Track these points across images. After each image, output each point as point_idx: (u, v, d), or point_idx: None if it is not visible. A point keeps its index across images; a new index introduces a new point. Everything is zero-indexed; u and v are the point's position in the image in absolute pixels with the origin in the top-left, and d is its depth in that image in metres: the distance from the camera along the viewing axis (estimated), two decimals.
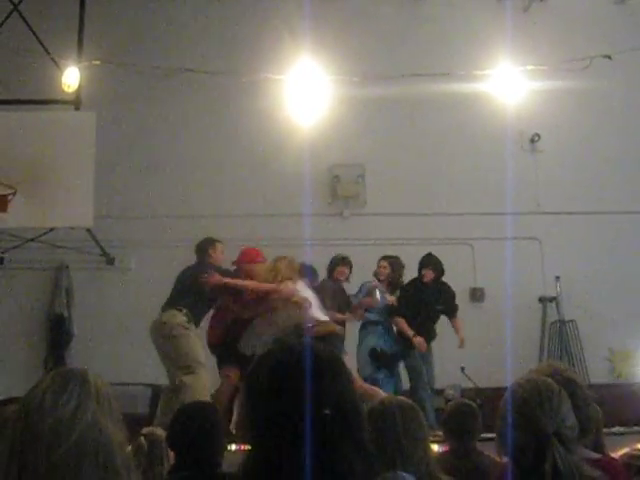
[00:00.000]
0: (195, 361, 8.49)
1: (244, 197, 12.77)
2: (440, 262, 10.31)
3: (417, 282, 10.31)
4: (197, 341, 8.73)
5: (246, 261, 9.29)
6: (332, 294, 9.83)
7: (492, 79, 11.51)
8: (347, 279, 10.22)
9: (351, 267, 10.17)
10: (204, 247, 9.32)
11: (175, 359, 8.59)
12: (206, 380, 8.53)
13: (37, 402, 2.04)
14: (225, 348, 9.02)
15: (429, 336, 10.16)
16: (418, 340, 9.88)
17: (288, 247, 10.76)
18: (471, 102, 12.43)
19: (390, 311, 10.13)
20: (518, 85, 11.40)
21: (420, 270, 10.30)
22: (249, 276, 9.11)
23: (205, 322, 9.24)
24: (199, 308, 8.93)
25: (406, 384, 10.04)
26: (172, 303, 8.80)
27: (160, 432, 4.87)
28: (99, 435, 2.02)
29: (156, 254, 12.27)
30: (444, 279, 10.40)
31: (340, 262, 10.11)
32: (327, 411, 1.91)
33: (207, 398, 8.21)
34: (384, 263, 10.29)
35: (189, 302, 8.75)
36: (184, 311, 8.65)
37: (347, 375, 2.04)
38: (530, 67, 11.37)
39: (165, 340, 8.62)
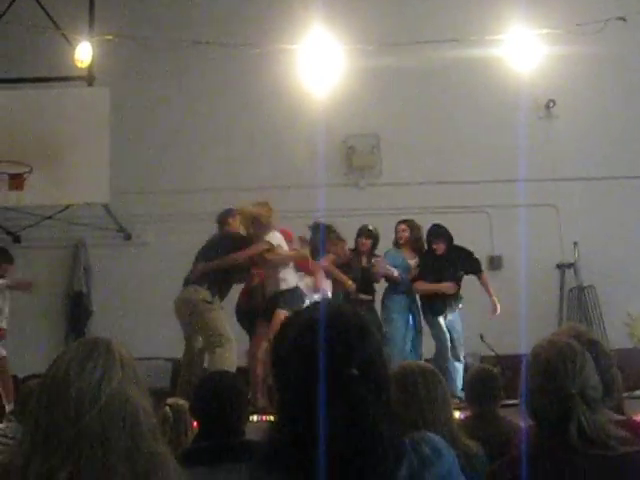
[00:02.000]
0: (222, 335, 8.44)
1: (259, 169, 12.76)
2: (448, 230, 10.20)
3: (431, 255, 10.20)
4: (222, 315, 8.69)
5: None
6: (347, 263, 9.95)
7: (506, 44, 11.43)
8: (370, 251, 10.21)
9: (373, 238, 10.19)
10: (224, 217, 9.34)
11: (202, 334, 8.61)
12: (234, 353, 8.49)
13: (62, 371, 2.05)
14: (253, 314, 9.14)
15: (454, 305, 10.09)
16: (447, 286, 9.87)
17: (304, 219, 10.76)
18: (485, 68, 12.35)
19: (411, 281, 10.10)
20: (532, 50, 11.31)
21: (430, 243, 10.18)
22: None
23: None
24: (223, 282, 8.89)
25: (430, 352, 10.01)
26: (198, 280, 8.72)
27: (183, 402, 4.90)
28: (125, 402, 2.03)
29: (173, 228, 12.29)
30: (459, 244, 10.32)
31: (361, 233, 10.15)
32: (354, 371, 1.91)
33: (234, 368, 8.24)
34: (403, 226, 10.23)
35: (212, 276, 8.72)
36: (206, 285, 8.60)
37: (374, 336, 2.04)
38: (544, 31, 11.27)
39: (190, 317, 8.61)
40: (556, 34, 11.28)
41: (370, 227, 10.22)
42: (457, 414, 5.28)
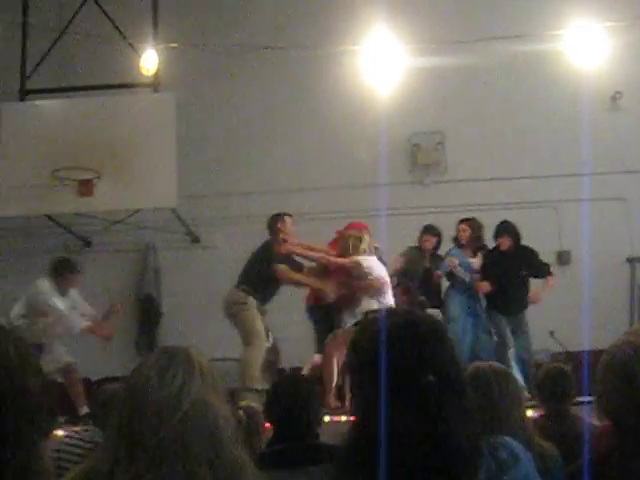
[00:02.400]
0: (251, 333, 8.92)
1: (325, 170, 12.81)
2: (515, 227, 10.04)
3: (495, 252, 10.08)
4: (254, 315, 9.04)
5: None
6: (411, 261, 9.98)
7: (570, 38, 11.32)
8: (434, 248, 10.28)
9: (439, 236, 10.26)
10: (273, 223, 9.48)
11: (240, 333, 9.10)
12: (260, 351, 8.91)
13: (143, 381, 2.09)
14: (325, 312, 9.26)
15: (519, 304, 9.91)
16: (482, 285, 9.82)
17: (370, 217, 10.77)
18: (549, 63, 12.22)
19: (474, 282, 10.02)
20: (597, 43, 11.19)
21: (496, 239, 10.06)
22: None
23: None
24: (267, 284, 9.20)
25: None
26: (238, 281, 9.23)
27: (256, 405, 4.94)
28: (205, 410, 2.06)
29: (240, 231, 12.38)
30: (528, 243, 10.19)
31: (426, 231, 10.24)
32: (431, 378, 1.92)
33: (258, 369, 8.78)
34: (463, 226, 10.20)
35: (256, 278, 9.11)
36: (241, 287, 9.08)
37: (449, 342, 2.05)
38: (608, 24, 11.14)
39: (229, 318, 9.18)
40: (621, 26, 11.13)
41: (434, 225, 10.25)
42: (530, 413, 5.24)
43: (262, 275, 9.10)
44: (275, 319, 9.60)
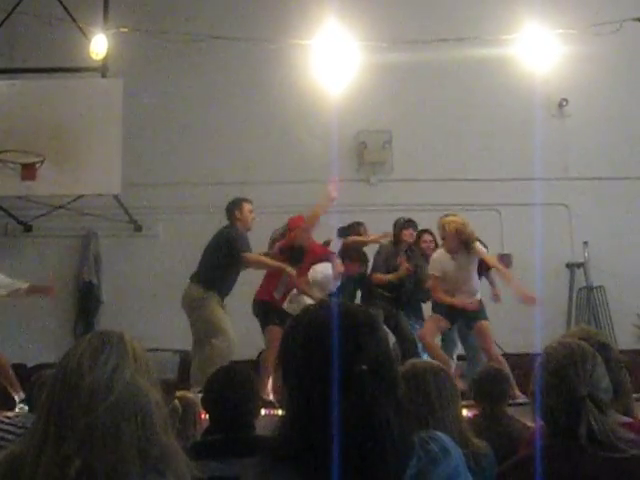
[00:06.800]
0: (218, 326, 8.62)
1: (271, 164, 12.78)
2: None
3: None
4: (218, 308, 8.78)
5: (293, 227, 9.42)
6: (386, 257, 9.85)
7: (520, 43, 11.44)
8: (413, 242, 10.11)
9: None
10: (231, 209, 9.17)
11: (201, 328, 8.77)
12: (230, 342, 8.62)
13: (75, 363, 2.07)
14: (272, 307, 9.16)
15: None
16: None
17: None
18: (499, 67, 12.34)
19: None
20: (546, 49, 11.32)
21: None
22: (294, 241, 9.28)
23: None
24: (227, 275, 8.93)
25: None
26: (196, 273, 8.90)
27: (192, 395, 4.91)
28: (137, 394, 2.05)
29: (183, 221, 12.35)
30: None
31: (407, 225, 9.97)
32: (364, 367, 1.92)
33: (230, 359, 8.34)
34: (429, 237, 10.12)
35: (206, 272, 8.84)
36: (200, 282, 8.78)
37: (382, 332, 2.06)
38: (559, 31, 11.26)
39: (190, 311, 8.84)
40: (571, 34, 11.27)
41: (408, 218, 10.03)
42: (465, 412, 5.27)
43: (221, 265, 8.84)
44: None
